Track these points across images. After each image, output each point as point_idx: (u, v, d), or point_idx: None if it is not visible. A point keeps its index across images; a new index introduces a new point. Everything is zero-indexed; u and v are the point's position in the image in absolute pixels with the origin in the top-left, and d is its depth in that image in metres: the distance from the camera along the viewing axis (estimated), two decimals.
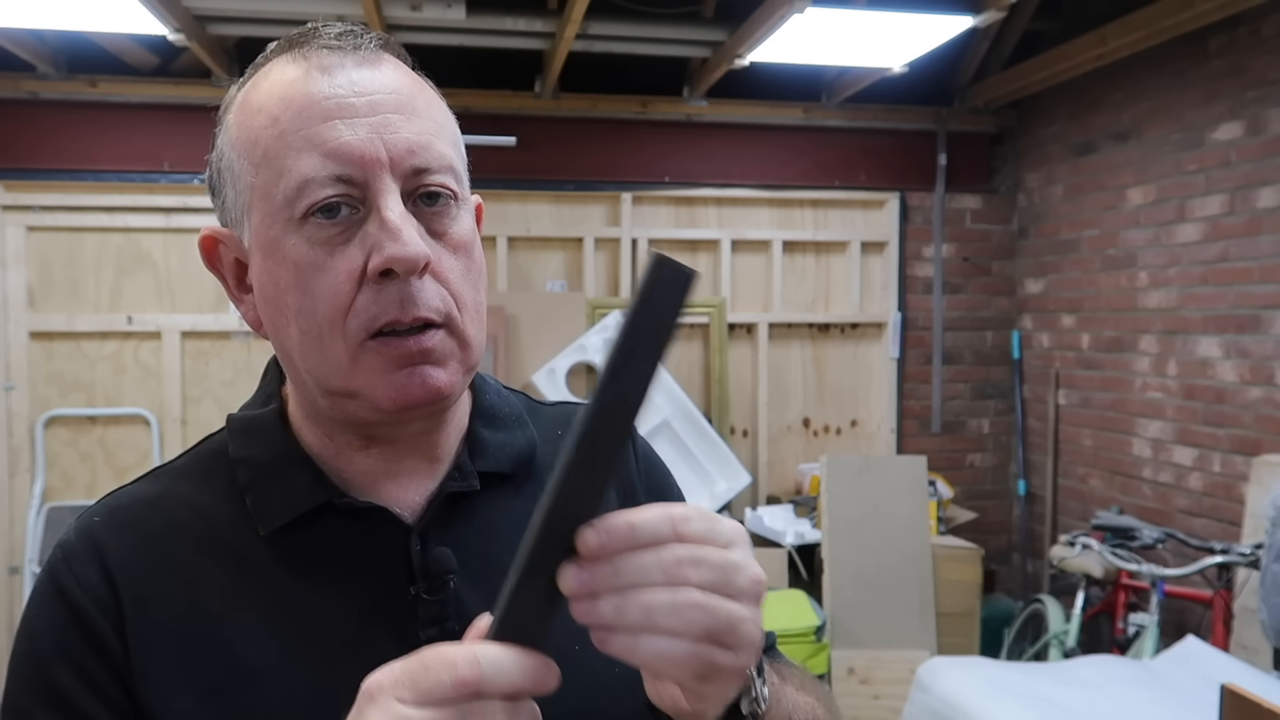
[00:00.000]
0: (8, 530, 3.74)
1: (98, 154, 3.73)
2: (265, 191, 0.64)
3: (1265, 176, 3.08)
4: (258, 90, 0.67)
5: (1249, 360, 3.16)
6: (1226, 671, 2.29)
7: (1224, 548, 2.81)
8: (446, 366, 0.66)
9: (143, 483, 0.73)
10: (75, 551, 0.67)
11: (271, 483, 0.69)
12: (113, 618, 0.65)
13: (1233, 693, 1.50)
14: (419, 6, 3.21)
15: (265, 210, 0.64)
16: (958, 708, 2.25)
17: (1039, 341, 4.30)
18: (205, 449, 0.74)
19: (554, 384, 3.75)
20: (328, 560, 0.67)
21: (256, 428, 0.72)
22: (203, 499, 0.70)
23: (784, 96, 4.14)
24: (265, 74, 0.67)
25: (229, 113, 0.69)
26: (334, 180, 0.62)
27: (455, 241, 0.67)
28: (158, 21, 2.94)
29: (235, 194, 0.67)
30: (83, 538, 0.68)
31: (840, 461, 3.62)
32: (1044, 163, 4.23)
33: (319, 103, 0.63)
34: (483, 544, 0.71)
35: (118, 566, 0.66)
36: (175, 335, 3.82)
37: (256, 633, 0.65)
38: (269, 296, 0.66)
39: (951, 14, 2.99)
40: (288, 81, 0.65)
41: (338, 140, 0.63)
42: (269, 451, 0.70)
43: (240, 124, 0.67)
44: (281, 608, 0.66)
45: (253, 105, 0.66)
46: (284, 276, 0.64)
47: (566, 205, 4.11)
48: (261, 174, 0.64)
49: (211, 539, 0.68)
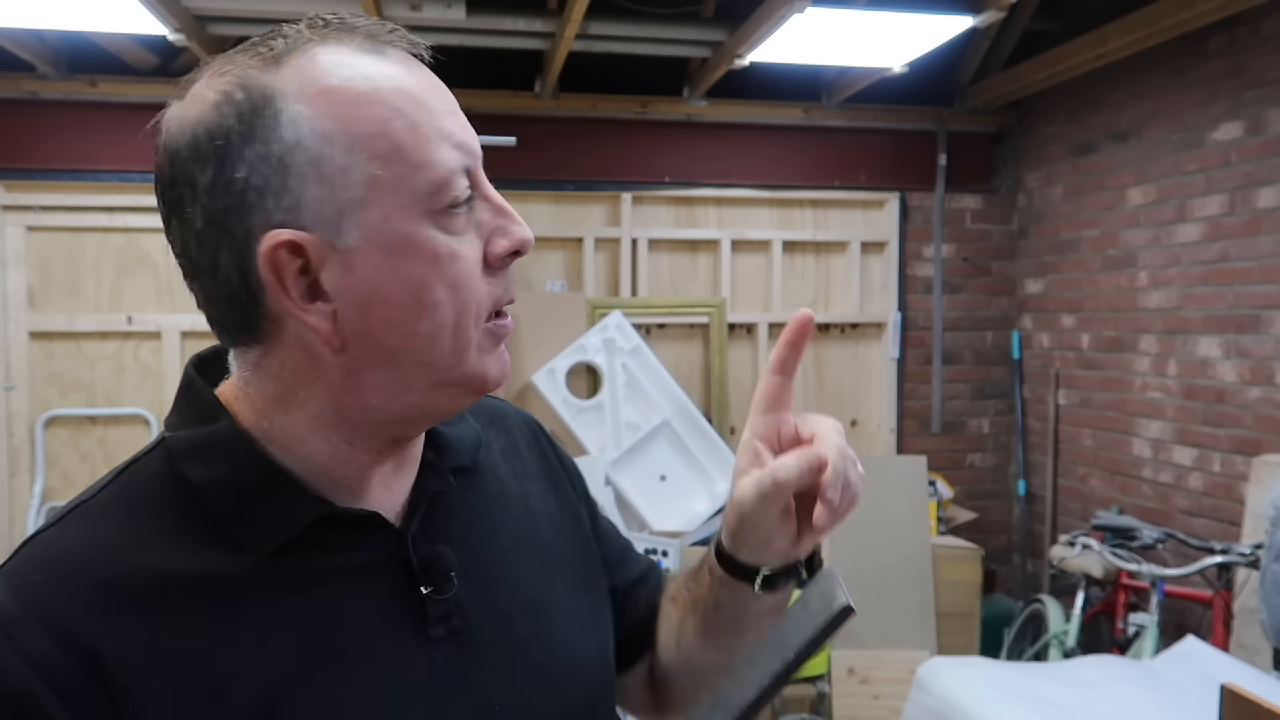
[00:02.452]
0: (8, 530, 3.74)
1: (98, 154, 3.73)
2: (397, 185, 0.61)
3: (1265, 176, 3.08)
4: (345, 80, 0.61)
5: (1249, 360, 3.16)
6: (1226, 671, 2.29)
7: (1224, 548, 2.81)
8: None
9: (67, 525, 0.63)
10: (18, 619, 0.57)
11: (255, 503, 0.64)
12: (87, 698, 0.56)
13: (1233, 693, 1.50)
14: (419, 6, 3.21)
15: (396, 204, 0.61)
16: (958, 708, 2.25)
17: (1039, 341, 4.30)
18: (136, 478, 0.66)
19: (554, 384, 3.75)
20: (329, 573, 0.65)
21: (215, 448, 0.65)
22: (158, 531, 0.62)
23: (784, 96, 4.14)
24: (336, 63, 0.62)
25: (282, 102, 0.61)
26: (463, 172, 0.64)
27: None
28: (158, 21, 2.94)
29: (331, 189, 0.61)
30: (27, 602, 0.58)
31: None
32: (1044, 163, 4.23)
33: (433, 95, 0.64)
34: (463, 539, 0.73)
35: (95, 638, 0.57)
36: (175, 335, 3.82)
37: (272, 659, 0.61)
38: (390, 297, 0.62)
39: (951, 14, 2.99)
40: (389, 75, 0.63)
41: (462, 132, 0.65)
42: (242, 470, 0.64)
43: (338, 115, 0.61)
44: (293, 627, 0.63)
45: (354, 96, 0.61)
46: (420, 271, 0.62)
47: (566, 205, 4.11)
48: (393, 167, 0.61)
49: (192, 575, 0.61)
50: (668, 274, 4.20)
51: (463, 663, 0.68)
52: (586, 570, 0.83)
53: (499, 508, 0.78)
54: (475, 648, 0.69)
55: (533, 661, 0.72)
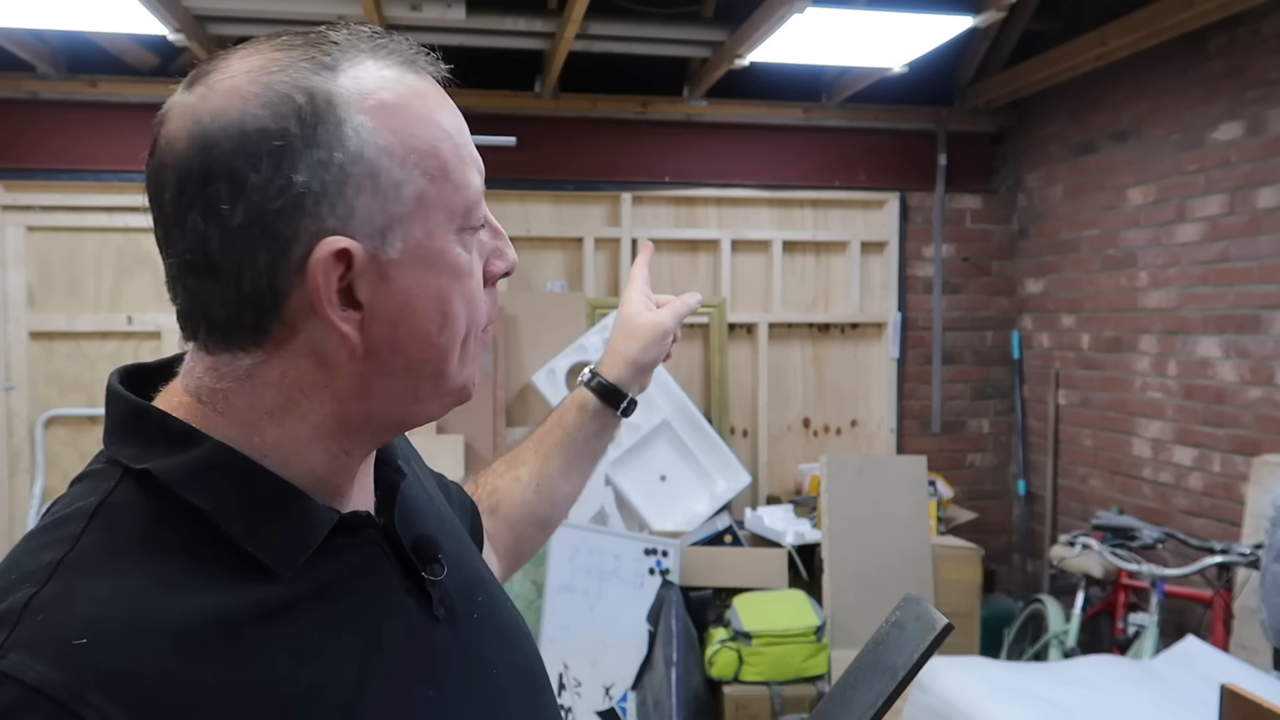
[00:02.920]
0: (8, 530, 3.74)
1: (98, 154, 3.73)
2: (439, 203, 0.65)
3: (1265, 176, 3.08)
4: (399, 96, 0.63)
5: (1249, 360, 3.16)
6: (1226, 671, 2.29)
7: (1224, 548, 2.81)
8: None
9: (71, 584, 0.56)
10: (76, 693, 0.51)
11: (276, 521, 0.63)
12: None
13: (1233, 693, 1.50)
14: (419, 6, 3.21)
15: (438, 221, 0.65)
16: (958, 708, 2.25)
17: (1039, 341, 4.30)
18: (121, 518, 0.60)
19: (554, 384, 3.75)
20: (345, 576, 0.66)
21: (213, 470, 0.62)
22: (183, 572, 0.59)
23: (784, 96, 4.14)
24: (389, 78, 0.64)
25: (344, 111, 0.61)
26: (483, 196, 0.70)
27: None
28: (158, 21, 2.94)
29: (384, 201, 0.62)
30: (80, 671, 0.51)
31: (840, 461, 3.62)
32: (1044, 163, 4.23)
33: (463, 122, 0.69)
34: (418, 522, 0.76)
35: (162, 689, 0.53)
36: (175, 335, 3.78)
37: (335, 670, 0.61)
38: (419, 309, 0.64)
39: (951, 14, 2.99)
40: (430, 95, 0.67)
41: (478, 158, 0.70)
42: (251, 491, 0.63)
43: (396, 130, 0.63)
44: (339, 636, 0.63)
45: (410, 113, 0.64)
46: (446, 286, 0.66)
47: (566, 205, 4.11)
48: (439, 185, 0.65)
49: (232, 608, 0.59)
50: (668, 274, 4.20)
51: (462, 637, 0.73)
52: (471, 536, 0.90)
53: (418, 491, 0.82)
54: (464, 620, 0.74)
55: (500, 626, 0.79)
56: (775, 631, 3.16)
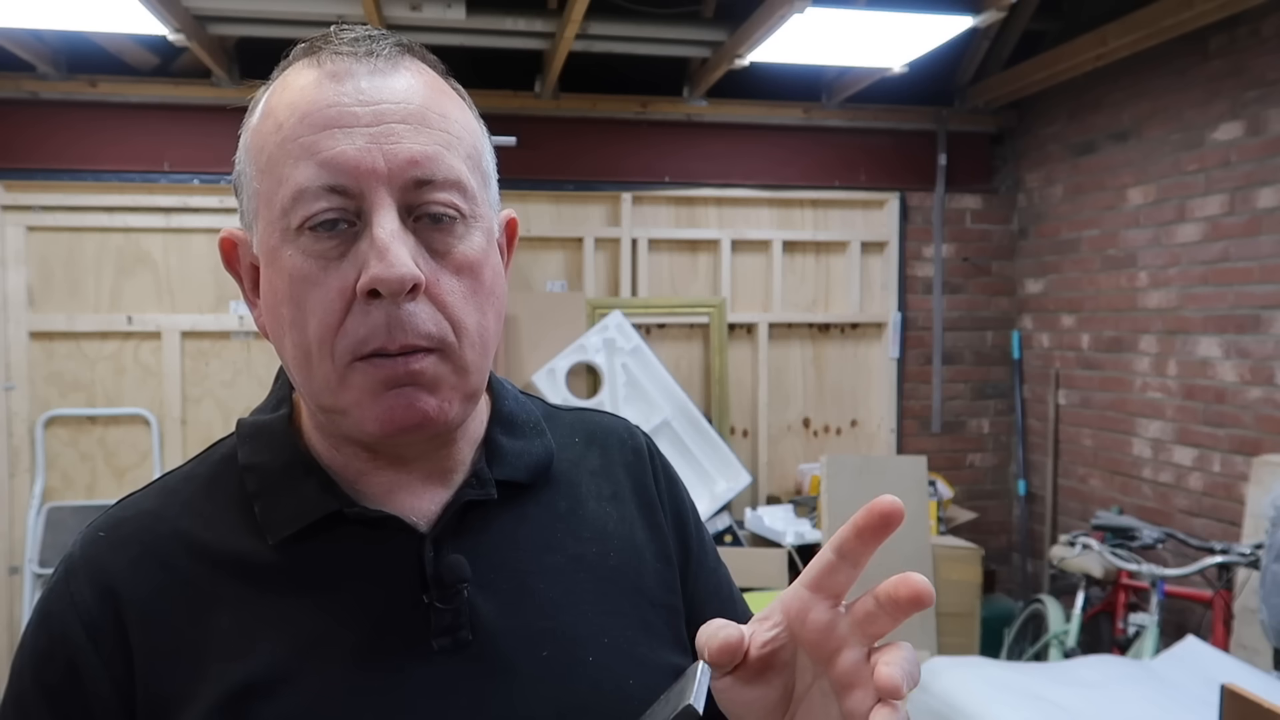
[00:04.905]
0: (8, 530, 3.74)
1: (98, 154, 3.73)
2: (268, 199, 0.63)
3: (1265, 176, 3.08)
4: (274, 96, 0.66)
5: (1249, 360, 3.16)
6: (1226, 671, 2.29)
7: (1224, 548, 2.81)
8: (438, 392, 0.63)
9: (149, 492, 0.71)
10: (76, 569, 0.66)
11: (281, 491, 0.67)
12: (109, 641, 0.63)
13: (1233, 693, 1.50)
14: (419, 6, 3.21)
15: (267, 218, 0.63)
16: (958, 708, 2.25)
17: (1039, 341, 4.30)
18: (214, 454, 0.72)
19: (554, 384, 3.75)
20: (339, 569, 0.66)
21: (266, 434, 0.70)
22: (210, 507, 0.68)
23: (784, 96, 4.14)
24: (283, 79, 0.66)
25: (251, 117, 0.67)
26: (327, 191, 0.60)
27: (459, 262, 0.64)
28: (158, 21, 2.94)
29: (246, 199, 0.66)
30: (86, 554, 0.67)
31: (840, 461, 3.62)
32: (1044, 163, 4.23)
33: (321, 110, 0.62)
34: (498, 553, 0.69)
35: (122, 584, 0.64)
36: (175, 335, 3.82)
37: (269, 643, 0.63)
38: (269, 306, 0.65)
39: (951, 14, 2.99)
40: (298, 88, 0.64)
41: (333, 150, 0.61)
42: (278, 458, 0.68)
43: (254, 129, 0.66)
44: (291, 618, 0.64)
45: (264, 112, 0.66)
46: (280, 287, 0.63)
47: (566, 205, 4.11)
48: (265, 181, 0.63)
49: (220, 549, 0.66)
50: (668, 274, 4.20)
51: (462, 677, 0.65)
52: (659, 610, 0.75)
53: (561, 526, 0.73)
54: (483, 664, 0.66)
55: (548, 688, 0.66)
56: None
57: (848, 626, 0.53)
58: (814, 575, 0.54)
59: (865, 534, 0.53)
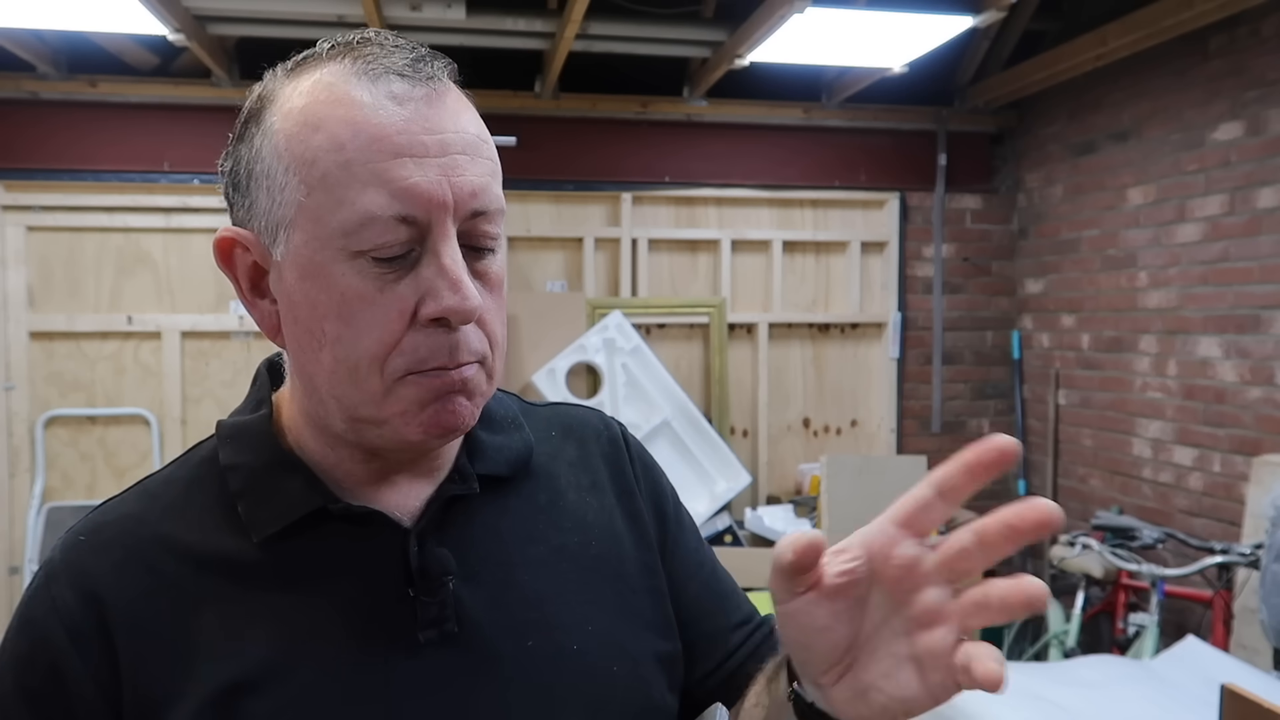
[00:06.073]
0: (8, 530, 3.74)
1: (98, 154, 3.73)
2: (317, 215, 0.62)
3: (1265, 176, 3.08)
4: (314, 101, 0.63)
5: (1249, 360, 3.16)
6: (1226, 671, 2.29)
7: (1224, 548, 2.81)
8: (474, 399, 0.67)
9: (129, 496, 0.71)
10: (57, 573, 0.66)
11: (264, 489, 0.68)
12: (93, 644, 0.63)
13: (1233, 693, 1.50)
14: (419, 6, 3.21)
15: (315, 234, 0.63)
16: (958, 707, 2.25)
17: (1039, 341, 4.30)
18: (194, 457, 0.73)
19: (554, 384, 3.75)
20: (324, 565, 0.67)
21: (247, 434, 0.71)
22: (192, 509, 0.68)
23: (784, 96, 4.14)
24: (320, 83, 0.64)
25: (269, 113, 0.65)
26: (399, 221, 0.61)
27: (494, 282, 0.68)
28: (158, 21, 2.94)
29: (272, 203, 0.64)
30: (67, 559, 0.67)
31: (840, 461, 3.62)
32: (1044, 163, 4.23)
33: (391, 137, 0.61)
34: (481, 546, 0.71)
35: (105, 589, 0.65)
36: (175, 335, 3.82)
37: (255, 640, 0.64)
38: (300, 317, 0.65)
39: (951, 14, 2.99)
40: (356, 104, 0.62)
41: (407, 180, 0.61)
42: (261, 458, 0.69)
43: (291, 134, 0.63)
44: (278, 614, 0.65)
45: (309, 118, 0.63)
46: (325, 302, 0.63)
47: (566, 205, 4.11)
48: (316, 196, 0.62)
49: (204, 550, 0.67)
50: (668, 274, 4.20)
51: (448, 669, 0.66)
52: (641, 596, 0.77)
53: (543, 518, 0.75)
54: (469, 656, 0.67)
55: (535, 677, 0.68)
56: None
57: (933, 563, 0.54)
58: (905, 511, 0.55)
59: (977, 470, 0.54)
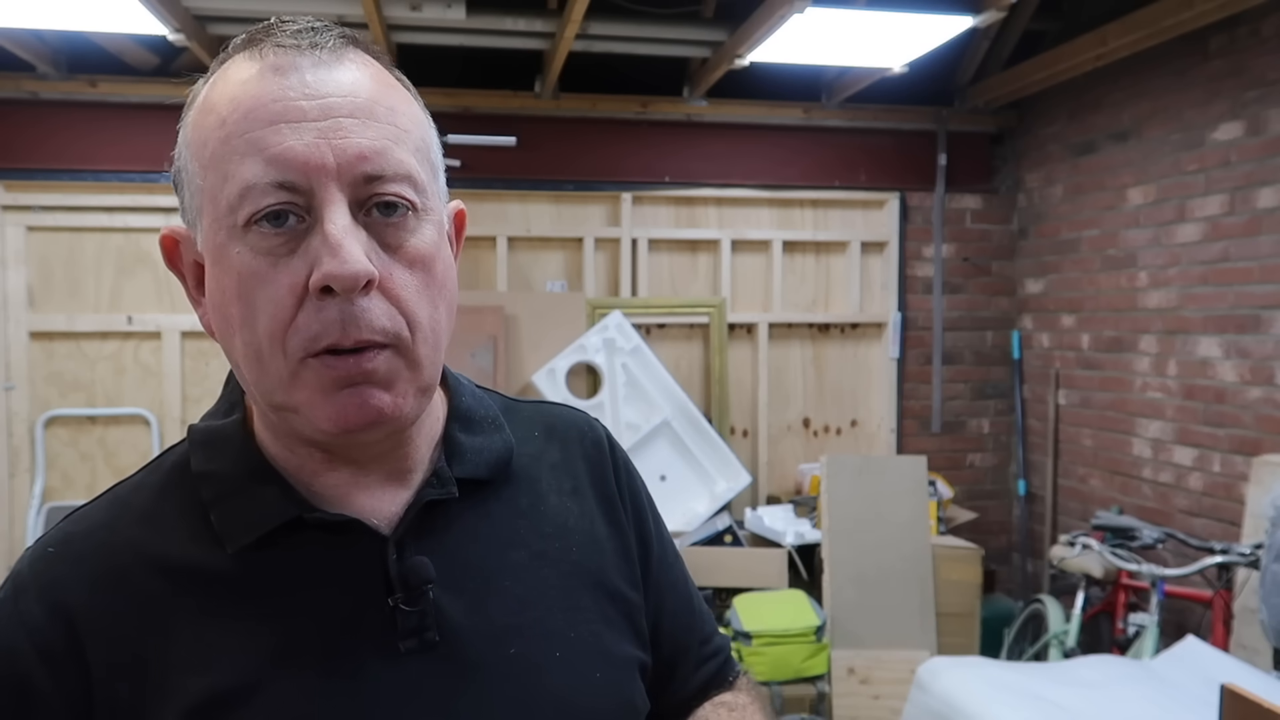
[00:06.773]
0: (8, 530, 3.74)
1: (98, 154, 3.73)
2: (213, 196, 0.61)
3: (1265, 176, 3.08)
4: (211, 88, 0.64)
5: (1249, 360, 3.16)
6: (1226, 671, 2.29)
7: (1224, 548, 2.81)
8: (393, 389, 0.62)
9: (99, 504, 0.69)
10: (25, 587, 0.64)
11: (237, 498, 0.65)
12: (62, 661, 0.61)
13: (1233, 693, 1.50)
14: (419, 6, 3.21)
15: (213, 215, 0.62)
16: (958, 708, 2.25)
17: (1039, 341, 4.30)
18: (165, 462, 0.70)
19: (554, 384, 3.75)
20: (301, 576, 0.65)
21: (219, 440, 0.68)
22: (165, 517, 0.66)
23: (784, 96, 4.14)
24: (224, 72, 0.64)
25: (189, 111, 0.65)
26: (276, 187, 0.59)
27: (412, 255, 0.63)
28: (158, 21, 2.94)
29: (189, 195, 0.64)
30: (35, 571, 0.64)
31: (840, 461, 3.62)
32: (1044, 163, 4.23)
33: (266, 105, 0.60)
34: (462, 552, 0.69)
35: (75, 601, 0.62)
36: (175, 335, 3.82)
37: (232, 653, 0.62)
38: (216, 304, 0.63)
39: (951, 14, 2.99)
40: (240, 81, 0.62)
41: (281, 145, 0.59)
42: (233, 465, 0.67)
43: (193, 123, 0.64)
44: (255, 627, 0.63)
45: (205, 104, 0.63)
46: (228, 285, 0.61)
47: (566, 205, 4.11)
48: (209, 177, 0.61)
49: (176, 560, 0.64)
50: (668, 274, 4.20)
51: (430, 677, 0.65)
52: (620, 604, 0.76)
53: (523, 523, 0.74)
54: (451, 664, 0.66)
55: (516, 685, 0.67)
56: (775, 632, 3.16)
57: None
58: None
59: None
